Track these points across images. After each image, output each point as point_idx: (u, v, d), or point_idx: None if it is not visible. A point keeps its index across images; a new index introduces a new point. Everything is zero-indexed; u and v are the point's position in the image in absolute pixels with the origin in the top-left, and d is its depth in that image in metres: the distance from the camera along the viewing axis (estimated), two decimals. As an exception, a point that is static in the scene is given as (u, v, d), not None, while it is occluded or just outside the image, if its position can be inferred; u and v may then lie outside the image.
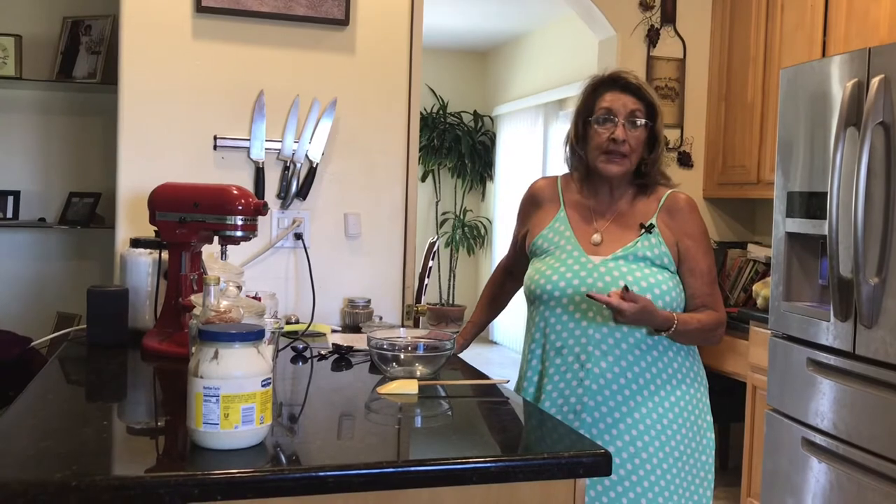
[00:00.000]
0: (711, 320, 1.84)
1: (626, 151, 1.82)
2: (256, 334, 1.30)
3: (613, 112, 1.82)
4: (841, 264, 2.52)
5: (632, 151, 1.82)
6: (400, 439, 1.47)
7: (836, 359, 2.61)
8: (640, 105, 1.83)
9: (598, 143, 1.84)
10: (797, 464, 2.77)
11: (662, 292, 1.78)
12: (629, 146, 1.82)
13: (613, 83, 1.85)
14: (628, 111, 1.82)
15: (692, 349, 1.88)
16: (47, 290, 3.30)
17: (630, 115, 1.82)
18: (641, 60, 4.06)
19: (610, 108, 1.82)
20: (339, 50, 2.58)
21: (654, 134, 1.85)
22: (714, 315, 1.85)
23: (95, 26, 3.27)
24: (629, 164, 1.84)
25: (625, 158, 1.82)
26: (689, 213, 1.86)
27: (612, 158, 1.82)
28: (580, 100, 1.90)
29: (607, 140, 1.81)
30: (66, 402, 1.61)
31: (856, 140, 2.47)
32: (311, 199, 2.57)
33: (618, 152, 1.81)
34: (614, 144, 1.81)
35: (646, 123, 1.83)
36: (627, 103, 1.82)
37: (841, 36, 3.19)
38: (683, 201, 1.87)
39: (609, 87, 1.85)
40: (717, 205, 4.20)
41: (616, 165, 1.83)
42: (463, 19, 6.70)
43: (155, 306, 2.15)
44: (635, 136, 1.82)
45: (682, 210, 1.86)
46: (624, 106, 1.82)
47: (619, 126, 1.81)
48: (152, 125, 2.44)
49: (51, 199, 3.33)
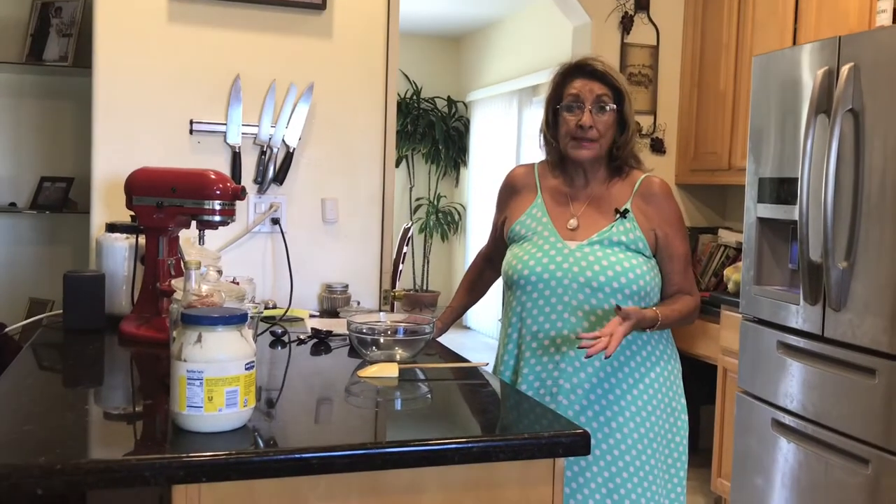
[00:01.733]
0: (689, 307, 1.89)
1: (594, 136, 1.85)
2: (240, 317, 1.31)
3: (580, 98, 1.85)
4: (811, 249, 2.57)
5: (600, 136, 1.86)
6: (381, 422, 1.49)
7: (805, 341, 2.66)
8: (606, 90, 1.86)
9: (567, 130, 1.87)
10: (767, 444, 2.83)
11: (637, 276, 1.81)
12: (597, 131, 1.85)
13: (580, 70, 1.88)
14: (595, 96, 1.85)
15: (666, 332, 1.92)
16: (19, 276, 3.27)
17: (597, 101, 1.85)
18: (615, 47, 4.09)
19: (577, 94, 1.86)
20: (317, 34, 2.57)
21: (623, 117, 1.88)
22: (691, 300, 1.90)
23: (66, 8, 3.23)
24: (598, 148, 1.87)
25: (594, 143, 1.86)
26: (665, 198, 1.90)
27: (581, 144, 1.86)
28: (549, 88, 1.93)
29: (575, 126, 1.85)
30: (45, 387, 1.61)
31: (826, 127, 2.51)
32: (288, 184, 2.57)
33: (586, 138, 1.85)
34: (582, 130, 1.84)
35: (613, 108, 1.86)
36: (594, 89, 1.85)
37: (812, 24, 3.24)
38: (658, 186, 1.90)
39: (576, 74, 1.89)
40: (689, 191, 4.25)
41: (585, 150, 1.86)
42: (437, 4, 6.68)
43: (132, 291, 2.14)
44: (603, 121, 1.85)
45: (656, 195, 1.89)
46: (591, 92, 1.85)
47: (585, 112, 1.84)
48: (127, 109, 2.42)
49: (22, 184, 3.30)
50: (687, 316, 1.89)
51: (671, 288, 1.89)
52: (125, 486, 1.16)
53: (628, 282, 1.80)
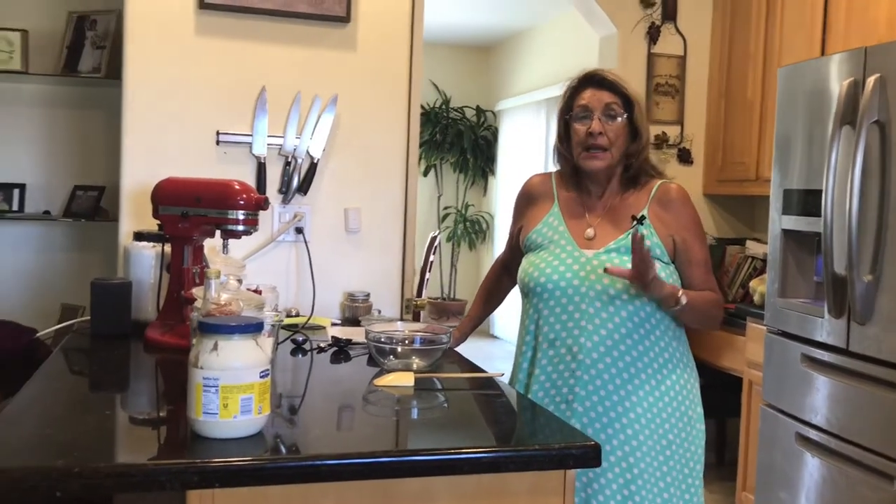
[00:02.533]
0: (713, 299, 1.88)
1: (604, 144, 1.85)
2: (255, 326, 1.34)
3: (590, 108, 1.87)
4: (835, 261, 2.55)
5: (611, 144, 1.86)
6: (393, 430, 1.51)
7: (830, 355, 2.64)
8: (615, 98, 1.87)
9: (578, 140, 1.88)
10: (791, 458, 2.80)
11: None
12: (607, 139, 1.85)
13: (589, 81, 1.90)
14: (603, 105, 1.86)
15: (682, 340, 1.91)
16: (52, 283, 3.34)
17: (606, 109, 1.86)
18: (642, 57, 4.08)
19: (586, 104, 1.87)
20: (341, 47, 2.61)
21: (634, 126, 1.88)
22: (713, 295, 1.89)
23: (101, 21, 3.30)
24: (610, 157, 1.87)
25: (605, 152, 1.86)
26: (682, 204, 1.90)
27: (592, 154, 1.86)
28: (560, 101, 1.95)
29: (585, 135, 1.86)
30: (69, 392, 1.65)
31: (851, 138, 2.49)
32: (312, 194, 2.60)
33: (596, 146, 1.85)
34: (592, 138, 1.85)
35: (624, 115, 1.86)
36: (603, 98, 1.87)
37: (840, 34, 3.21)
38: (675, 192, 1.90)
39: (585, 85, 1.90)
40: (717, 201, 4.22)
41: (597, 160, 1.87)
42: (466, 14, 6.72)
43: (158, 299, 2.18)
44: (613, 129, 1.86)
45: (674, 201, 1.89)
46: (599, 101, 1.87)
47: (594, 119, 1.85)
48: (156, 120, 2.48)
49: (56, 192, 3.37)
50: (709, 309, 1.87)
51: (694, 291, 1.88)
52: (141, 490, 1.19)
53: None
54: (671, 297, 1.78)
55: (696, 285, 1.87)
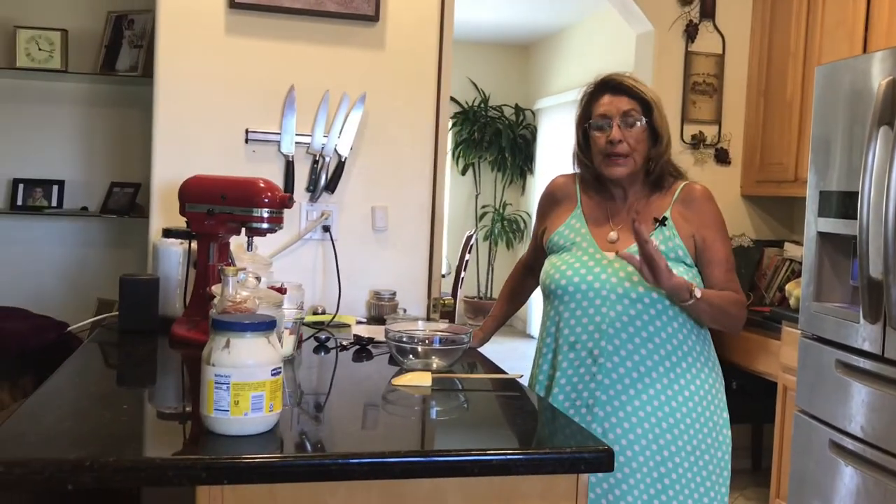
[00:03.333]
0: (733, 297, 1.83)
1: (624, 151, 1.83)
2: (267, 324, 1.35)
3: (608, 115, 1.84)
4: (871, 265, 2.48)
5: (632, 150, 1.83)
6: (407, 430, 1.51)
7: (866, 361, 2.57)
8: (634, 104, 1.84)
9: (599, 148, 1.86)
10: (825, 466, 2.74)
11: None
12: (628, 145, 1.83)
13: (606, 86, 1.87)
14: (621, 112, 1.83)
15: (706, 344, 1.87)
16: (89, 277, 3.41)
17: (624, 115, 1.83)
18: (679, 55, 4.02)
19: (604, 112, 1.85)
20: (369, 46, 2.61)
21: (654, 129, 1.85)
22: (734, 295, 1.84)
23: (138, 20, 3.36)
24: (633, 163, 1.84)
25: (627, 158, 1.83)
26: (705, 202, 1.86)
27: (613, 161, 1.84)
28: (578, 109, 1.92)
29: (606, 143, 1.83)
30: (92, 386, 1.68)
31: (889, 139, 2.42)
32: (340, 192, 2.61)
33: (616, 153, 1.83)
34: (612, 146, 1.83)
35: (642, 120, 1.83)
36: (620, 105, 1.84)
37: (883, 32, 3.12)
38: (699, 192, 1.87)
39: (602, 91, 1.87)
40: (755, 202, 4.14)
41: (619, 167, 1.84)
42: (505, 12, 6.70)
43: (184, 295, 2.21)
44: (633, 135, 1.83)
45: (697, 200, 1.86)
46: (617, 108, 1.83)
47: (614, 127, 1.83)
48: (186, 118, 2.51)
49: (93, 189, 3.44)
50: (728, 307, 1.82)
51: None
52: (150, 484, 1.21)
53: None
54: (682, 288, 1.73)
55: (718, 285, 1.84)
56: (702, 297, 1.76)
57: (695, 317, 1.83)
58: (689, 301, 1.75)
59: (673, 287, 1.73)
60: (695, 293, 1.74)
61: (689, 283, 1.76)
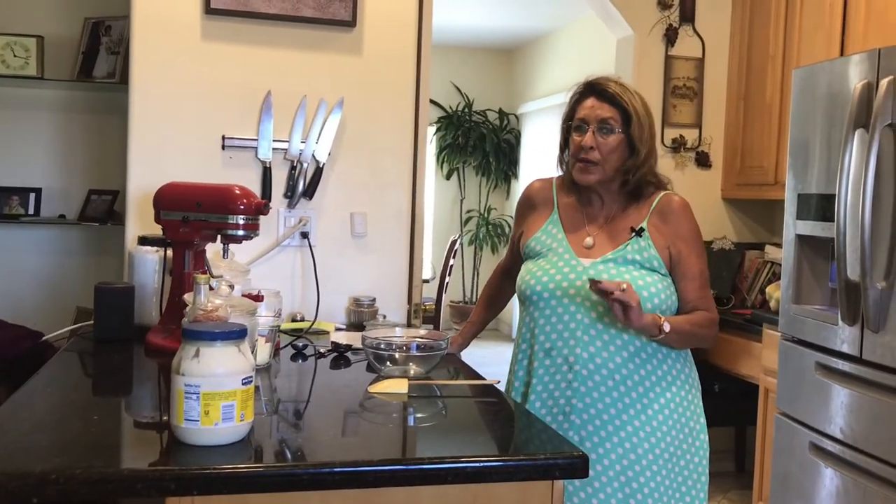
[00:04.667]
0: (703, 319, 1.84)
1: (594, 159, 1.82)
2: (238, 333, 1.33)
3: (586, 120, 1.83)
4: (848, 268, 2.49)
5: (602, 160, 1.82)
6: (382, 438, 1.49)
7: (844, 363, 2.58)
8: (614, 112, 1.82)
9: (573, 151, 1.86)
10: (805, 468, 2.74)
11: (651, 294, 1.78)
12: (599, 153, 1.82)
13: (592, 90, 1.86)
14: (599, 119, 1.82)
15: (683, 352, 1.87)
16: (67, 286, 3.37)
17: (601, 123, 1.82)
18: (659, 59, 4.03)
19: (583, 116, 1.84)
20: (346, 51, 2.60)
21: (631, 141, 1.84)
22: (705, 315, 1.84)
23: (115, 27, 3.33)
24: (601, 172, 1.83)
25: (596, 167, 1.82)
26: (682, 215, 1.86)
27: (584, 167, 1.83)
28: (566, 107, 1.91)
29: (578, 147, 1.83)
30: (63, 396, 1.66)
31: (865, 142, 2.43)
32: (318, 198, 2.60)
33: (586, 159, 1.82)
34: (583, 151, 1.82)
35: (619, 131, 1.82)
36: (601, 112, 1.82)
37: (860, 35, 3.14)
38: (677, 203, 1.87)
39: (588, 94, 1.87)
40: (736, 206, 4.16)
41: (588, 175, 1.83)
42: (488, 17, 6.70)
43: (160, 303, 2.19)
44: (606, 144, 1.82)
45: (674, 212, 1.85)
46: (596, 115, 1.83)
47: (588, 133, 1.82)
48: (162, 125, 2.49)
49: (71, 196, 3.41)
50: (702, 327, 1.82)
51: (687, 306, 1.84)
52: (118, 496, 1.19)
53: (644, 299, 1.77)
54: (652, 325, 1.74)
55: (691, 301, 1.83)
56: (671, 329, 1.75)
57: (665, 345, 1.82)
58: (659, 336, 1.76)
59: (643, 327, 1.74)
60: (664, 328, 1.75)
61: (658, 318, 1.75)
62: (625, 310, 1.69)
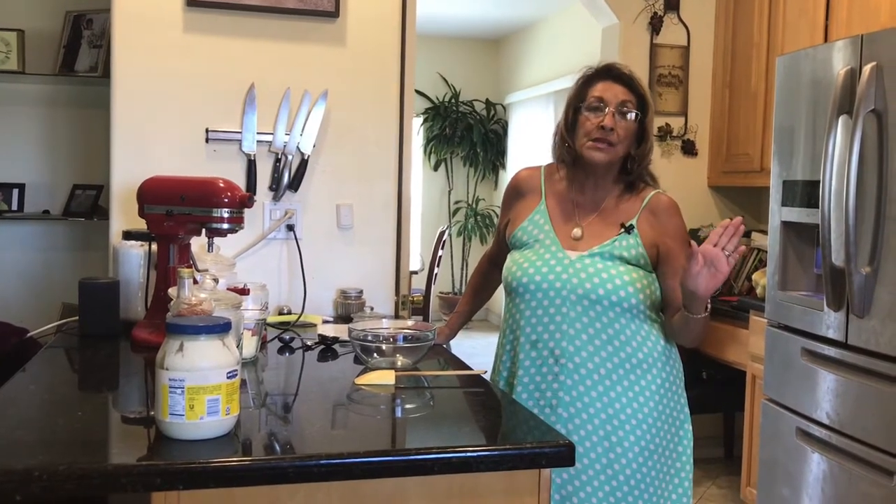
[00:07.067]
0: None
1: (613, 140, 1.81)
2: (222, 327, 1.33)
3: (605, 100, 1.82)
4: (833, 253, 2.50)
5: (619, 141, 1.81)
6: (368, 430, 1.49)
7: (830, 349, 2.59)
8: (631, 96, 1.82)
9: (586, 130, 1.82)
10: (793, 454, 2.76)
11: (636, 290, 1.79)
12: (617, 135, 1.80)
13: (606, 73, 1.85)
14: (619, 101, 1.81)
15: (665, 343, 1.86)
16: (52, 282, 3.35)
17: (621, 105, 1.81)
18: (644, 48, 4.04)
19: (601, 96, 1.82)
20: (330, 42, 2.59)
21: (643, 128, 1.84)
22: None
23: (97, 20, 3.30)
24: (615, 153, 1.82)
25: (611, 147, 1.81)
26: (671, 214, 1.86)
27: (598, 146, 1.81)
28: (573, 90, 1.89)
29: (596, 127, 1.81)
30: (48, 392, 1.65)
31: (848, 128, 2.44)
32: (303, 190, 2.59)
33: (605, 140, 1.80)
34: (602, 132, 1.80)
35: (636, 115, 1.82)
36: (619, 93, 1.82)
37: (843, 21, 3.15)
38: (666, 203, 1.87)
39: (601, 77, 1.85)
40: (722, 193, 4.17)
41: (602, 153, 1.81)
42: (474, 7, 6.68)
43: (146, 298, 2.18)
44: (624, 127, 1.81)
45: (664, 211, 1.85)
46: (615, 96, 1.81)
47: (608, 114, 1.81)
48: (145, 118, 2.47)
49: (55, 192, 3.38)
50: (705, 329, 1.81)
51: (675, 302, 1.82)
52: (103, 492, 1.18)
53: (627, 296, 1.77)
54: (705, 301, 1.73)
55: (678, 298, 1.82)
56: (706, 315, 1.74)
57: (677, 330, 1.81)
58: (703, 315, 1.74)
59: (706, 297, 1.71)
60: (708, 307, 1.74)
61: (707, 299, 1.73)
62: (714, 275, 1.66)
